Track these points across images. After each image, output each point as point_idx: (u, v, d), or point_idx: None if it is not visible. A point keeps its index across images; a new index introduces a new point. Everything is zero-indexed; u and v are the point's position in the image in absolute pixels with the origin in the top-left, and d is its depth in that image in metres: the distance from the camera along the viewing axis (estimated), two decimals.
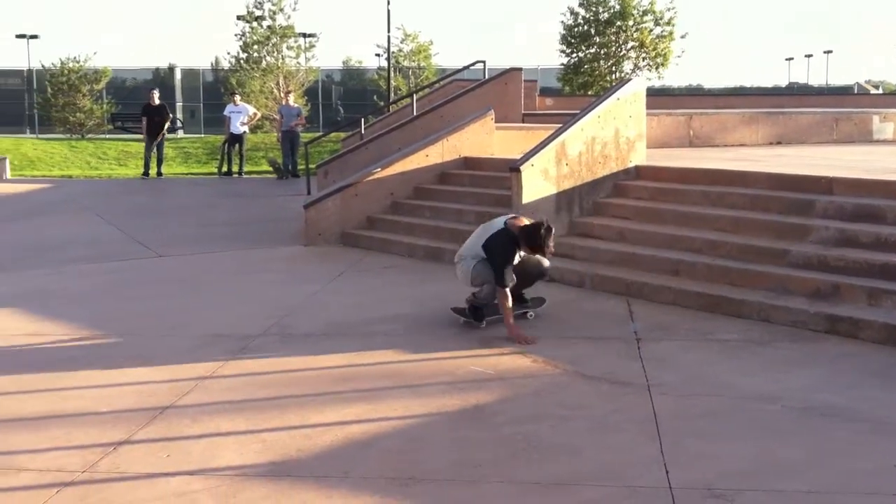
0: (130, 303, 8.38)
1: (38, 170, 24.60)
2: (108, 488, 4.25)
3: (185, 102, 43.67)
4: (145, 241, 11.82)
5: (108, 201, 16.31)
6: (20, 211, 15.06)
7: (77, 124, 34.18)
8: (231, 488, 4.21)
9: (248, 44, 35.31)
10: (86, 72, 35.30)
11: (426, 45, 40.78)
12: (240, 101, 22.03)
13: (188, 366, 6.18)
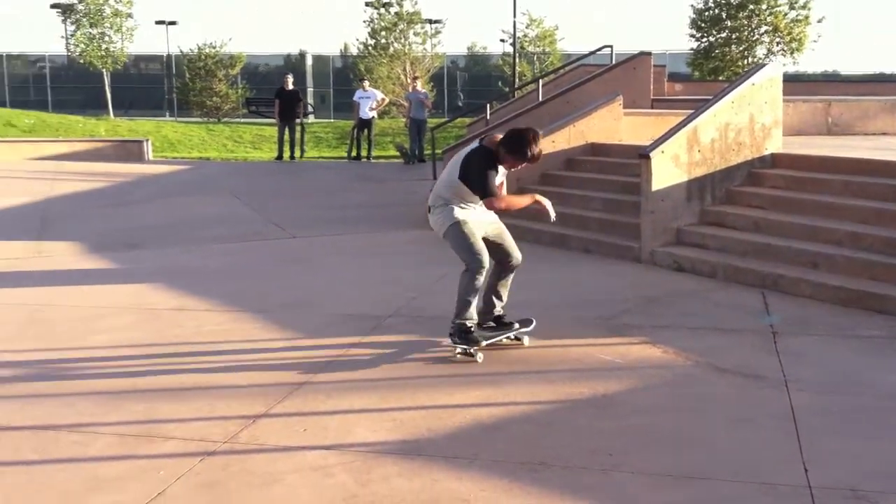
0: (266, 281, 8.68)
1: (178, 151, 25.67)
2: (248, 459, 4.42)
3: (315, 88, 44.69)
4: (279, 222, 12.20)
5: (243, 183, 16.90)
6: (161, 191, 15.76)
7: (213, 108, 35.48)
8: (365, 464, 4.32)
9: (375, 30, 35.87)
10: (221, 57, 36.60)
11: (552, 30, 40.49)
12: (369, 86, 22.40)
13: (322, 343, 6.36)
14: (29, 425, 4.85)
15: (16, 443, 4.61)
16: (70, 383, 5.59)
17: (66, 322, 7.16)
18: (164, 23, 48.53)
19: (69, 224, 12.18)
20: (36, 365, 6.03)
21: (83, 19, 35.38)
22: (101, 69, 35.60)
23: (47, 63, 47.04)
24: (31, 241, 10.86)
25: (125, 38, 36.13)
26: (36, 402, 5.23)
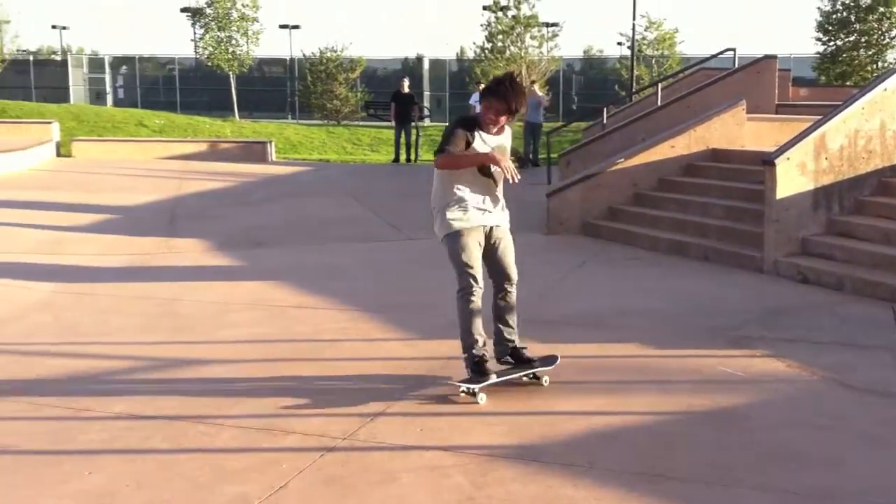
0: (385, 281, 8.83)
1: (299, 153, 26.36)
2: (366, 457, 4.51)
3: (431, 92, 45.11)
4: (396, 224, 12.38)
5: (361, 184, 17.21)
6: (284, 191, 16.20)
7: (333, 111, 36.26)
8: (480, 467, 4.35)
9: (492, 34, 35.98)
10: (342, 61, 37.36)
11: (671, 32, 39.74)
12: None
13: (438, 345, 6.42)
14: (159, 415, 5.06)
15: (147, 432, 4.82)
16: (198, 376, 5.81)
17: (195, 316, 7.45)
18: (288, 27, 50.01)
19: (196, 222, 12.65)
20: (166, 357, 6.29)
21: (212, 23, 36.72)
22: (227, 72, 36.85)
23: (176, 65, 48.96)
24: (161, 238, 11.33)
25: (251, 42, 37.31)
26: (166, 394, 5.46)
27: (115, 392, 5.43)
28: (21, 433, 4.78)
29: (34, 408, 5.13)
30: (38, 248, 10.16)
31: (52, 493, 4.07)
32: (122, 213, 12.87)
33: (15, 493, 4.10)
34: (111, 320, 7.23)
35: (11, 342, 6.48)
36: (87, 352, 6.30)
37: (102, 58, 51.51)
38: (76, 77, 48.60)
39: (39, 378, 5.68)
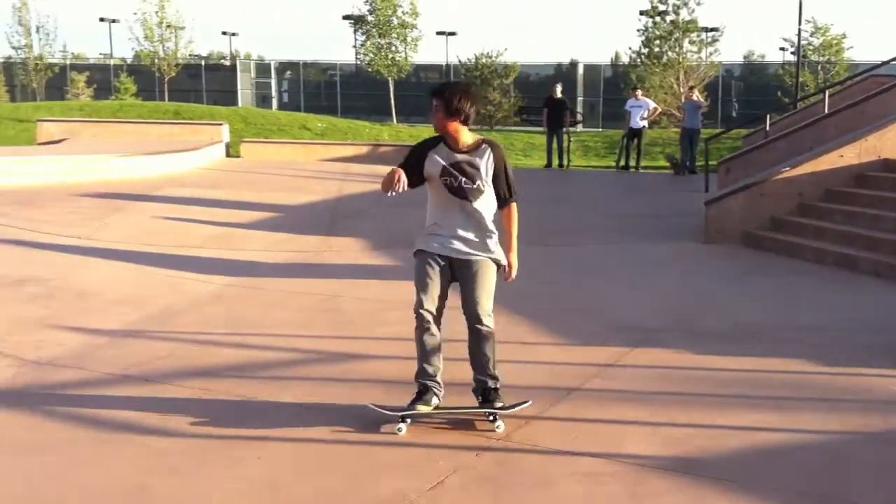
0: (538, 286, 8.81)
1: None
2: (522, 458, 4.54)
3: (585, 97, 44.77)
4: (548, 229, 12.36)
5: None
6: None
7: (487, 116, 36.54)
8: (636, 476, 4.30)
9: (649, 39, 35.35)
10: (496, 67, 37.62)
11: (838, 38, 37.97)
12: (641, 95, 22.12)
13: (592, 351, 6.39)
14: (322, 406, 5.25)
15: (311, 422, 5.01)
16: (358, 370, 6.00)
17: (354, 312, 7.68)
18: (445, 33, 50.74)
19: (356, 221, 13.01)
20: (328, 350, 6.52)
21: (373, 30, 37.73)
22: (386, 77, 37.76)
23: (338, 71, 50.53)
24: (322, 236, 11.71)
25: (409, 48, 38.11)
26: (328, 385, 5.66)
27: (282, 382, 5.67)
28: (192, 417, 5.05)
29: (206, 393, 5.42)
30: (209, 243, 10.71)
31: (225, 476, 4.30)
32: (286, 212, 13.38)
33: (194, 475, 4.35)
34: (277, 314, 7.55)
35: (186, 331, 6.86)
36: (255, 343, 6.61)
37: (269, 63, 53.76)
38: (244, 81, 50.95)
39: (211, 366, 6.00)
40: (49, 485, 4.20)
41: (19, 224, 11.08)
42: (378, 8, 37.22)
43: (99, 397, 5.37)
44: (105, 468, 4.39)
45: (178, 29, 41.72)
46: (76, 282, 8.46)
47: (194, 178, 16.90)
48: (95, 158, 16.21)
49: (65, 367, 5.90)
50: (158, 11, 40.81)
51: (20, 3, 43.01)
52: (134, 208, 12.81)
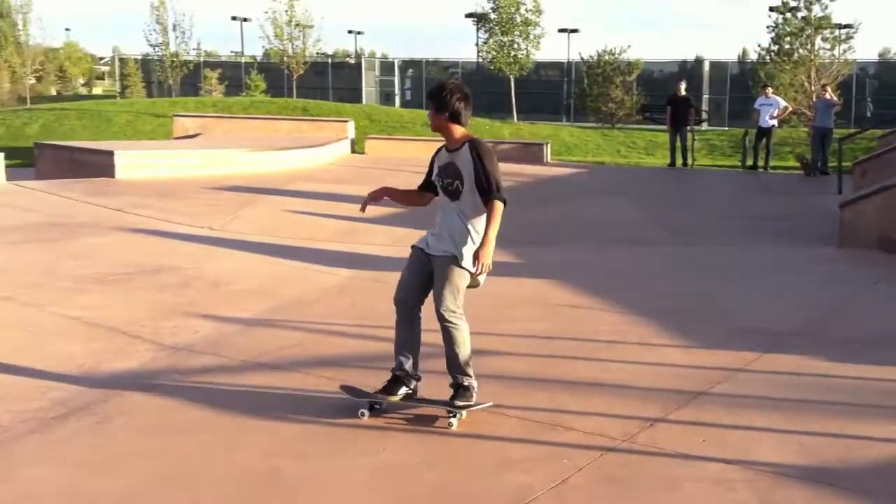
0: (661, 285, 8.69)
1: (574, 155, 26.54)
2: (646, 461, 4.47)
3: (711, 95, 43.64)
4: (672, 229, 12.14)
5: (636, 188, 17.04)
6: (560, 192, 16.38)
7: (609, 114, 36.12)
8: (768, 485, 4.18)
9: (780, 35, 34.18)
10: (619, 64, 37.08)
11: None
12: (771, 93, 21.43)
13: (720, 354, 6.24)
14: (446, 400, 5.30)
15: (435, 415, 5.06)
16: (481, 366, 5.97)
17: (477, 308, 7.65)
18: (567, 31, 50.37)
19: None
20: None
21: (495, 28, 37.76)
22: (508, 75, 37.75)
23: (459, 69, 50.77)
24: None
25: (532, 46, 37.97)
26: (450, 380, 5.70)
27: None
28: (321, 406, 5.18)
29: (334, 383, 5.53)
30: (336, 236, 10.96)
31: (352, 464, 4.40)
32: (407, 208, 13.56)
33: (322, 462, 4.47)
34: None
35: (314, 321, 7.05)
36: (381, 335, 6.68)
37: (392, 61, 54.53)
38: (368, 79, 51.80)
39: (339, 356, 6.14)
40: (187, 465, 4.39)
41: (157, 215, 11.60)
42: (501, 6, 37.22)
43: (232, 383, 5.58)
44: (239, 451, 4.56)
45: (306, 27, 42.75)
46: (209, 271, 8.79)
47: (321, 173, 17.33)
48: (228, 153, 16.82)
49: (200, 353, 6.14)
50: (288, 10, 41.93)
51: (158, 3, 44.96)
52: (264, 202, 13.23)
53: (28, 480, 4.18)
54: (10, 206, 11.63)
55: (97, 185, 13.98)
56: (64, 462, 4.38)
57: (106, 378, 5.56)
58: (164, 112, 30.44)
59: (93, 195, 12.89)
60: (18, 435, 4.68)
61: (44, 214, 11.22)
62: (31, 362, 5.75)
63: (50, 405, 5.08)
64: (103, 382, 5.48)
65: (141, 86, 51.36)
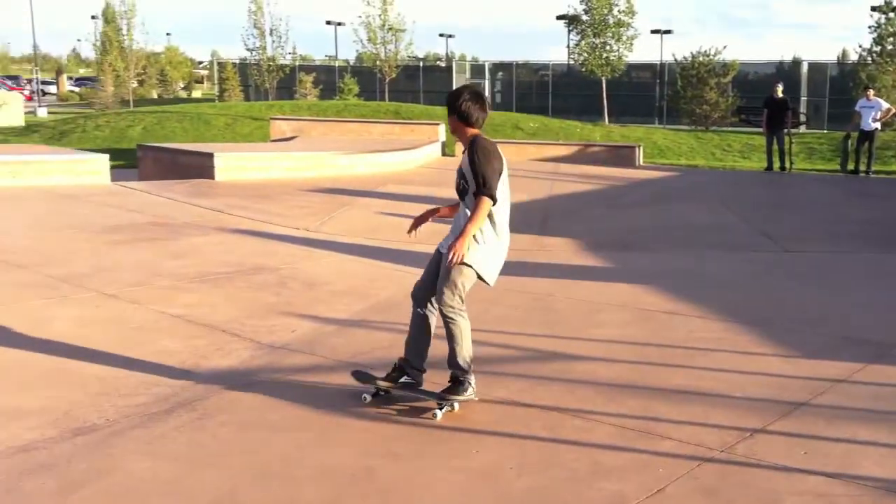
0: (759, 292, 8.49)
1: (666, 158, 26.11)
2: (745, 472, 4.37)
3: (809, 97, 42.42)
4: (770, 234, 11.84)
5: (731, 192, 16.67)
6: (651, 196, 16.16)
7: (702, 116, 35.44)
8: (872, 500, 4.04)
9: (882, 36, 33.06)
10: (714, 65, 36.36)
11: None
12: (873, 95, 20.70)
13: (822, 364, 6.06)
14: (538, 404, 5.29)
15: (528, 419, 5.06)
16: (572, 371, 5.99)
17: (568, 312, 7.68)
18: (659, 32, 49.67)
19: (567, 222, 13.01)
20: (541, 349, 6.55)
21: (587, 29, 37.47)
22: (599, 77, 37.42)
23: (550, 71, 50.56)
24: (534, 236, 11.77)
25: (624, 47, 37.55)
26: (543, 384, 5.68)
27: (497, 377, 5.75)
28: (412, 407, 5.20)
29: (426, 385, 5.57)
30: (428, 238, 10.96)
31: (445, 466, 4.43)
32: None
33: (414, 463, 4.51)
34: (492, 310, 7.66)
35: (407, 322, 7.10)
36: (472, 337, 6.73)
37: (482, 64, 54.62)
38: (459, 82, 51.96)
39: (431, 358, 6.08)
40: (284, 462, 4.48)
41: (255, 216, 11.87)
42: (594, 7, 36.91)
43: (328, 382, 5.67)
44: (334, 449, 4.63)
45: (398, 31, 43.19)
46: (304, 271, 8.96)
47: (413, 175, 17.48)
48: (322, 156, 17.11)
49: (296, 352, 6.27)
50: (381, 14, 42.43)
51: (256, 8, 46.04)
52: (358, 203, 13.41)
53: (132, 474, 4.32)
54: (114, 207, 12.06)
55: (197, 186, 14.39)
56: (166, 456, 4.52)
57: (206, 375, 5.72)
58: (262, 115, 31.14)
59: (193, 196, 13.27)
60: (123, 429, 4.85)
61: (147, 215, 11.59)
62: (136, 358, 5.95)
63: (153, 400, 5.26)
64: (204, 379, 5.64)
65: (238, 89, 52.67)
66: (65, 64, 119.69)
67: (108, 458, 4.48)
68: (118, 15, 52.70)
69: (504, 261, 5.25)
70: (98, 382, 5.51)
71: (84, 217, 11.15)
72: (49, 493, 4.10)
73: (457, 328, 5.07)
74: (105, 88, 49.51)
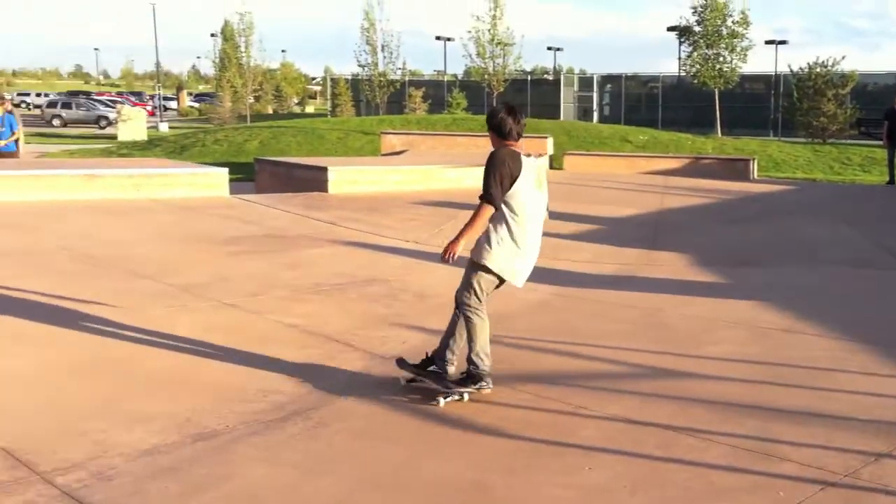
0: (883, 311, 8.19)
1: (782, 171, 25.38)
2: (870, 498, 4.21)
3: None
4: (893, 251, 11.37)
5: (852, 206, 16.11)
6: (767, 210, 15.72)
7: (820, 128, 34.30)
8: None
9: None
10: (832, 76, 35.17)
11: None
12: None
13: None
14: (651, 422, 5.21)
15: (640, 436, 5.00)
16: (686, 388, 5.88)
17: (680, 329, 7.54)
18: (774, 42, 48.40)
19: (678, 236, 12.77)
20: (653, 365, 6.44)
21: (700, 41, 36.81)
22: (712, 88, 36.68)
23: (660, 83, 49.88)
24: (644, 250, 11.62)
25: (738, 59, 36.73)
26: (655, 402, 5.60)
27: (609, 393, 5.70)
28: (524, 421, 5.23)
29: (537, 399, 5.58)
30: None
31: (558, 482, 4.41)
32: (607, 224, 13.45)
33: (529, 478, 4.50)
34: (602, 325, 7.61)
35: (518, 336, 7.11)
36: (582, 352, 6.69)
37: (591, 77, 54.30)
38: (567, 95, 51.84)
39: (543, 372, 6.17)
40: (397, 473, 4.54)
41: (366, 228, 12.09)
42: (707, 18, 36.24)
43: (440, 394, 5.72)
44: (446, 461, 4.67)
45: (507, 45, 43.36)
46: (415, 283, 9.07)
47: None
48: (432, 169, 17.30)
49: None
50: (491, 29, 42.68)
51: (368, 25, 46.99)
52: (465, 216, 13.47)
53: (251, 480, 4.45)
54: (233, 219, 12.47)
55: (311, 199, 14.74)
56: (283, 463, 4.64)
57: (321, 384, 5.85)
58: (372, 129, 31.68)
59: (307, 209, 13.60)
60: (242, 435, 5.00)
61: (263, 227, 11.94)
62: (254, 366, 6.13)
63: (270, 408, 5.40)
64: (318, 388, 5.77)
65: (350, 104, 53.79)
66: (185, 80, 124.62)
67: (228, 464, 4.62)
68: (237, 33, 54.58)
69: (533, 264, 5.71)
70: (218, 389, 5.70)
71: (204, 229, 11.57)
72: (172, 496, 4.25)
73: (471, 324, 5.49)
74: (223, 104, 51.30)
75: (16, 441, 4.67)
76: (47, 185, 13.16)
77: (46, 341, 6.45)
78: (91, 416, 5.11)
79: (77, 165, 16.26)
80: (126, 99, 68.34)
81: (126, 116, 45.20)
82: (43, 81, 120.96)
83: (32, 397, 5.41)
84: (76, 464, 4.46)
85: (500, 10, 42.38)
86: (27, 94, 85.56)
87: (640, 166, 21.79)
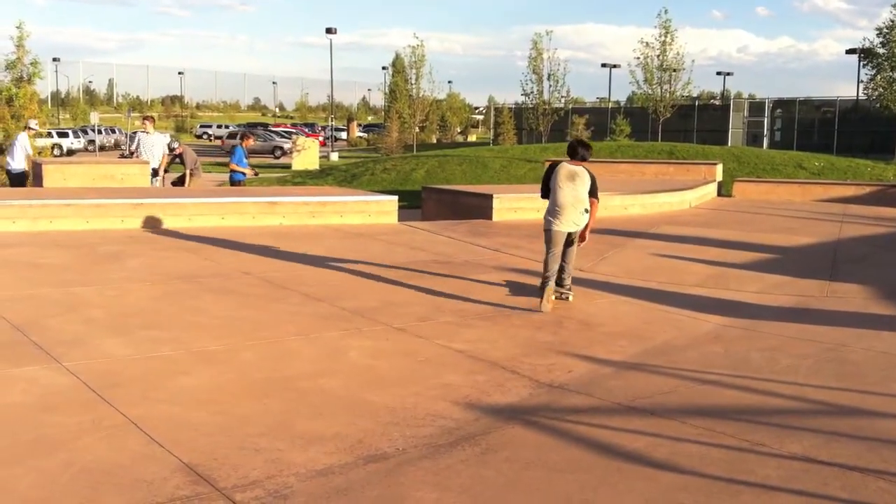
0: None
1: None
2: None
3: None
4: None
5: None
6: None
7: None
8: None
9: None
10: None
11: None
12: None
13: None
14: (835, 462, 4.94)
15: (824, 477, 4.74)
16: (873, 428, 5.55)
17: (865, 365, 7.13)
18: None
19: (859, 267, 12.11)
20: (835, 403, 6.12)
21: (884, 63, 34.97)
22: (895, 113, 34.73)
23: (836, 108, 47.63)
24: (822, 281, 11.06)
25: None
26: (839, 441, 5.31)
27: (788, 431, 5.44)
28: (698, 457, 5.05)
29: (711, 434, 5.39)
30: (703, 281, 10.70)
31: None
32: (780, 254, 12.91)
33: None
34: (778, 358, 7.29)
35: (687, 368, 6.92)
36: (759, 387, 6.43)
37: (762, 101, 52.52)
38: (736, 120, 50.30)
39: (715, 406, 5.97)
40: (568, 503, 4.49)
41: (529, 255, 12.05)
42: (893, 40, 34.38)
43: (607, 425, 5.62)
44: (617, 495, 4.57)
45: (676, 71, 42.62)
46: (580, 311, 8.99)
47: (688, 216, 17.07)
48: None
49: (574, 392, 6.28)
50: (660, 55, 42.11)
51: (535, 55, 47.39)
52: (631, 244, 13.28)
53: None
54: (401, 245, 12.76)
55: (475, 226, 14.90)
56: (453, 489, 4.66)
57: (488, 410, 5.87)
58: (536, 157, 31.77)
59: (471, 235, 13.76)
60: (412, 458, 5.06)
61: (429, 252, 12.16)
62: (422, 390, 6.22)
63: (439, 432, 5.46)
64: (485, 414, 5.79)
65: (512, 132, 54.17)
66: (355, 111, 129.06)
67: (399, 486, 4.68)
68: (408, 66, 56.17)
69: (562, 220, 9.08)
70: (388, 412, 5.80)
71: (374, 254, 11.89)
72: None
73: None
74: (391, 134, 52.79)
75: (196, 457, 4.87)
76: (232, 211, 13.90)
77: (225, 360, 6.77)
78: (266, 435, 5.30)
79: (257, 193, 17.06)
80: (300, 130, 71.29)
81: (301, 146, 47.22)
82: (224, 114, 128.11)
83: (211, 414, 5.67)
84: (254, 481, 4.61)
85: (670, 35, 41.78)
86: (209, 126, 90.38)
87: (815, 193, 20.84)
